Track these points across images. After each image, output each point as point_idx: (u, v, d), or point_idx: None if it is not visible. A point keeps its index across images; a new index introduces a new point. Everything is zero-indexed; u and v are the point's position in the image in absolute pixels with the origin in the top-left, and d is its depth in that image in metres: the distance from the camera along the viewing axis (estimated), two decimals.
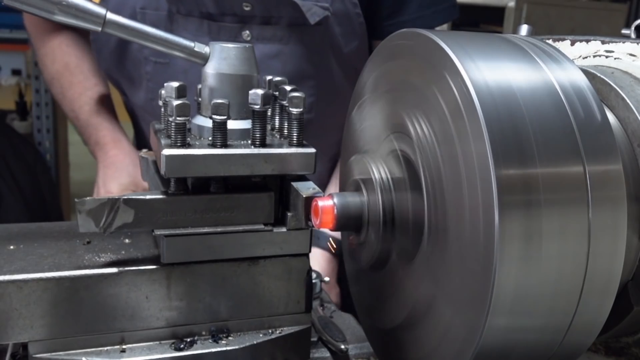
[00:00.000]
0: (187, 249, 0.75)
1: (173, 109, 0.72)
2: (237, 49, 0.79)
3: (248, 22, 1.39)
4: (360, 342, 0.98)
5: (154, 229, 0.74)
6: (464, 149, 0.62)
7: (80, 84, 1.56)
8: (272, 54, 1.41)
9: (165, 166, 0.72)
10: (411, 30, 0.74)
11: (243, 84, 0.79)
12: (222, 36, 1.39)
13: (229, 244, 0.77)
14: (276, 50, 1.41)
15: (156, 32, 0.77)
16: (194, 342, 0.78)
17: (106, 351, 0.75)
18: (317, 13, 1.36)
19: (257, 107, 0.75)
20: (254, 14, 1.38)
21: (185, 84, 0.77)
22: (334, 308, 1.08)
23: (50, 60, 1.59)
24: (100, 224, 0.72)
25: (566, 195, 0.62)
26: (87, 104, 1.54)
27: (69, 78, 1.57)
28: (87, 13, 0.73)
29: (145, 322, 0.76)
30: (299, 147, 0.78)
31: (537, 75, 0.66)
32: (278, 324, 0.82)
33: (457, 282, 0.64)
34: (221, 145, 0.75)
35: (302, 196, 0.76)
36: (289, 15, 1.38)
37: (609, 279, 0.64)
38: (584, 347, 0.68)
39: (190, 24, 1.40)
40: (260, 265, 0.80)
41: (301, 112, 0.77)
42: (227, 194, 0.77)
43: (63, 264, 0.74)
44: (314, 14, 1.36)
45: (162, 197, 0.74)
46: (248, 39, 1.39)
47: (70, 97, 1.56)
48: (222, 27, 1.40)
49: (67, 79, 1.57)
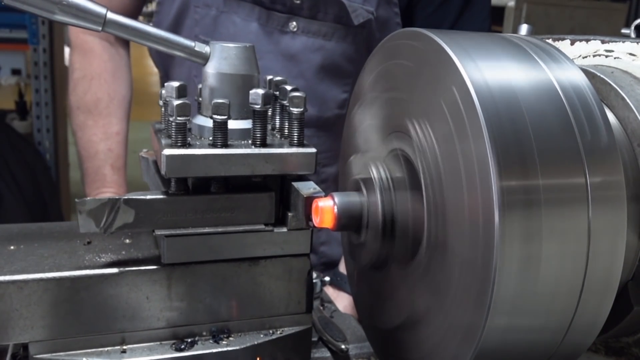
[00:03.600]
0: (187, 249, 0.75)
1: (173, 109, 0.72)
2: (238, 49, 0.79)
3: (296, 14, 1.44)
4: (361, 342, 0.98)
5: (155, 229, 0.74)
6: (463, 149, 0.62)
7: (103, 128, 1.55)
8: (314, 48, 1.46)
9: (165, 166, 0.72)
10: (411, 29, 0.74)
11: (243, 83, 0.79)
12: (270, 24, 1.45)
13: (229, 244, 0.77)
14: (318, 45, 1.46)
15: (157, 32, 0.77)
16: (195, 343, 0.78)
17: (107, 352, 0.75)
18: (361, 15, 1.43)
19: (258, 106, 0.75)
20: (302, 6, 1.43)
21: (186, 83, 0.78)
22: (334, 308, 1.08)
23: (83, 88, 1.57)
24: (101, 224, 0.72)
25: (566, 195, 0.62)
26: (103, 152, 1.53)
27: (95, 117, 1.55)
28: (87, 13, 0.73)
29: (145, 323, 0.76)
30: (299, 147, 0.78)
31: (537, 75, 0.66)
32: (279, 325, 0.82)
33: (457, 283, 0.64)
34: (222, 145, 0.75)
35: (303, 196, 0.76)
36: (335, 13, 1.43)
37: (609, 279, 0.64)
38: (584, 347, 0.68)
39: (242, 8, 1.45)
40: (260, 265, 0.80)
41: (302, 111, 0.77)
42: (228, 194, 0.77)
43: (63, 264, 0.74)
44: (358, 15, 1.43)
45: (162, 197, 0.74)
46: (294, 30, 1.44)
47: (88, 137, 1.55)
48: (271, 15, 1.45)
49: (93, 117, 1.56)
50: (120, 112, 1.58)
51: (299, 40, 1.46)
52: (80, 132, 1.57)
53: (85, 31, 1.48)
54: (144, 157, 0.90)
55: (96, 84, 1.56)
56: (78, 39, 1.59)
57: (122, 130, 1.57)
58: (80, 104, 1.57)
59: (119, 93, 1.58)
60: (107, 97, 1.56)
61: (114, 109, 1.56)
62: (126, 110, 1.60)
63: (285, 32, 1.45)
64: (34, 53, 3.58)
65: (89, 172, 1.55)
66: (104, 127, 1.55)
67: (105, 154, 1.54)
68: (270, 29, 1.45)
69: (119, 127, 1.57)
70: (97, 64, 1.57)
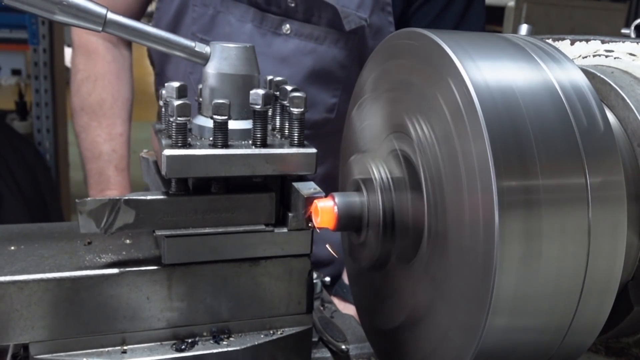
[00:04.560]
0: (188, 250, 0.75)
1: (174, 109, 0.72)
2: (238, 49, 0.79)
3: (290, 17, 1.46)
4: (361, 343, 0.98)
5: (155, 229, 0.74)
6: (464, 149, 0.62)
7: (107, 129, 1.55)
8: (307, 51, 1.48)
9: (166, 166, 0.72)
10: (411, 29, 0.74)
11: (244, 84, 0.79)
12: (264, 25, 1.46)
13: (230, 244, 0.77)
14: (310, 48, 1.47)
15: (157, 32, 0.77)
16: (195, 343, 0.78)
17: (107, 352, 0.75)
18: (354, 21, 1.44)
19: (258, 107, 0.75)
20: (297, 9, 1.45)
21: (186, 83, 0.78)
22: (334, 308, 1.08)
23: (87, 89, 1.57)
24: (101, 225, 0.72)
25: (566, 195, 0.62)
26: (107, 154, 1.54)
27: (99, 118, 1.56)
28: (87, 13, 0.73)
29: (146, 323, 0.76)
30: (299, 147, 0.78)
31: (537, 75, 0.66)
32: (279, 325, 0.82)
33: (457, 283, 0.64)
34: (222, 145, 0.75)
35: (303, 196, 0.76)
36: (328, 18, 1.44)
37: (609, 279, 0.64)
38: (584, 347, 0.68)
39: (238, 8, 1.46)
40: (261, 265, 0.79)
41: (302, 112, 0.77)
42: (228, 195, 0.77)
43: (64, 264, 0.74)
44: (350, 21, 1.44)
45: (163, 198, 0.74)
46: (287, 32, 1.46)
47: (92, 138, 1.55)
48: (265, 17, 1.46)
49: (97, 118, 1.56)
50: (124, 113, 1.58)
51: (292, 42, 1.47)
52: (84, 134, 1.57)
53: (88, 32, 1.48)
54: (145, 157, 0.90)
55: (100, 84, 1.56)
56: (81, 40, 1.59)
57: (125, 131, 1.58)
58: (84, 105, 1.57)
59: (122, 94, 1.58)
60: (111, 98, 1.56)
61: (118, 110, 1.57)
62: (129, 112, 1.60)
63: (278, 35, 1.47)
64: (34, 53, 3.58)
65: (93, 173, 1.55)
66: (108, 128, 1.55)
67: (109, 155, 1.54)
68: (264, 30, 1.46)
69: (122, 129, 1.57)
70: (101, 65, 1.57)
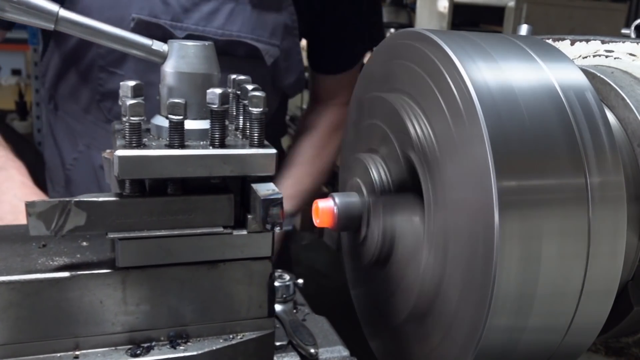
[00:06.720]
0: (143, 253, 0.74)
1: (127, 109, 0.71)
2: (196, 47, 0.77)
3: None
4: (332, 346, 0.96)
5: (108, 232, 0.72)
6: (464, 149, 0.62)
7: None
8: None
9: (118, 167, 0.71)
10: (411, 29, 0.73)
11: (202, 83, 0.77)
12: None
13: (187, 247, 0.75)
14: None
15: (112, 30, 0.76)
16: (151, 348, 0.76)
17: (59, 357, 0.73)
18: (272, 55, 1.50)
19: (215, 106, 0.73)
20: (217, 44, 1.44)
21: (142, 83, 0.76)
22: (307, 311, 1.06)
23: None
24: (52, 227, 0.70)
25: (566, 195, 0.61)
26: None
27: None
28: (38, 10, 0.72)
29: (100, 328, 0.74)
30: (259, 147, 0.76)
31: (537, 75, 0.66)
32: (239, 329, 0.80)
33: (457, 283, 0.64)
34: (178, 145, 0.73)
35: (260, 198, 0.74)
36: (246, 51, 1.47)
37: (609, 279, 0.64)
38: (584, 347, 0.68)
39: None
40: (220, 268, 0.78)
41: (262, 111, 0.75)
42: (185, 196, 0.75)
43: (15, 267, 0.73)
44: (270, 56, 1.49)
45: (115, 200, 0.72)
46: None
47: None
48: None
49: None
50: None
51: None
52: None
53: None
54: (107, 157, 0.88)
55: None
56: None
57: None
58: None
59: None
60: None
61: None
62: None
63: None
64: (34, 53, 3.59)
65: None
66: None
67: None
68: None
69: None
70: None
